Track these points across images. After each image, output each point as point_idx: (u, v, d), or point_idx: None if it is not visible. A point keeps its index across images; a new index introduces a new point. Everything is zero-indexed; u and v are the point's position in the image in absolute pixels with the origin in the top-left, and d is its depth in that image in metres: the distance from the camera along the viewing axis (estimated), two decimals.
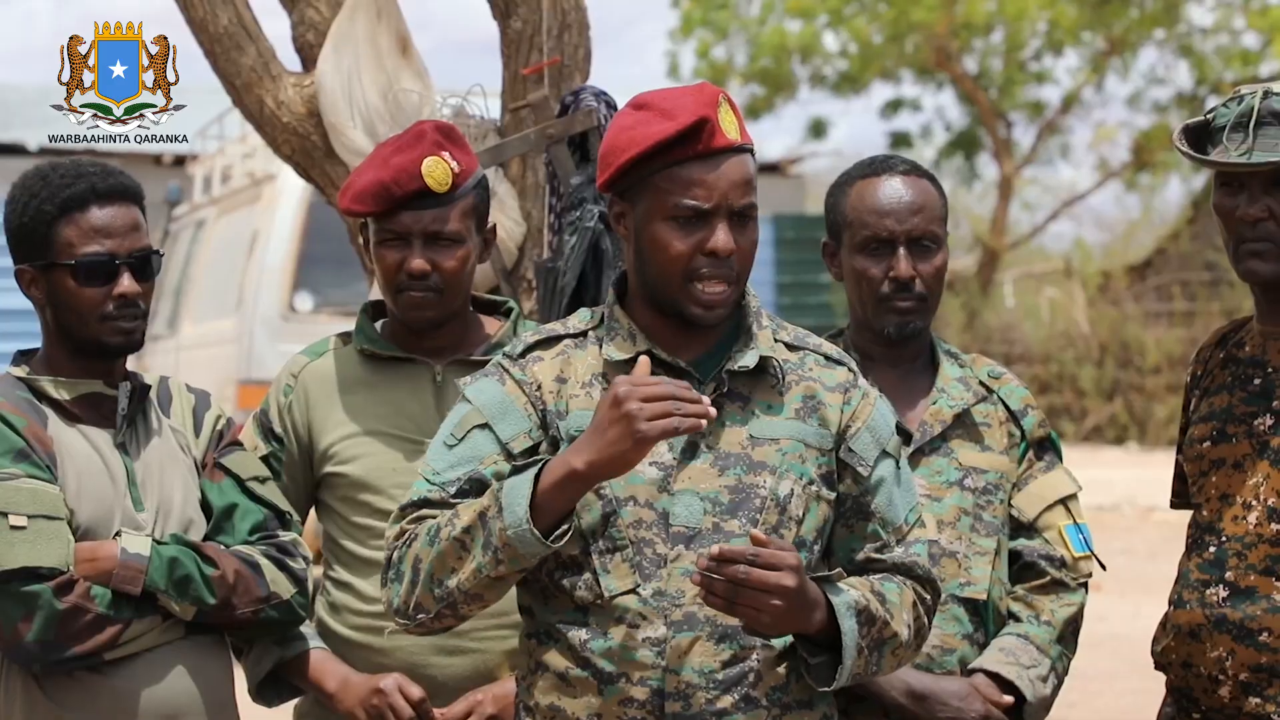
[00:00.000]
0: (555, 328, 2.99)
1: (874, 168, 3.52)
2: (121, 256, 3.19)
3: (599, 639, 2.82)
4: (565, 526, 2.73)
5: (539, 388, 2.90)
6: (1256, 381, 3.30)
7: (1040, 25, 23.48)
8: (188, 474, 3.30)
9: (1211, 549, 3.27)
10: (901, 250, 3.45)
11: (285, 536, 3.32)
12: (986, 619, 3.46)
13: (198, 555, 3.17)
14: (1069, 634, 3.50)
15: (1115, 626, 9.38)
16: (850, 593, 2.81)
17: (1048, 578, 3.50)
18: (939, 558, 3.41)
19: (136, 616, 3.12)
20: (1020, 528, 3.52)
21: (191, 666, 3.19)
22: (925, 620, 2.93)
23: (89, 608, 3.07)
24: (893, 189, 3.48)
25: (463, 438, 2.89)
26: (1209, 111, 3.32)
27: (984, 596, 3.44)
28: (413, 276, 3.45)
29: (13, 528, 3.05)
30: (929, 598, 2.95)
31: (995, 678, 3.39)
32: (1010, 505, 3.52)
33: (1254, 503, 3.22)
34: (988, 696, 3.36)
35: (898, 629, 2.85)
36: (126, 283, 3.20)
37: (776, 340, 2.95)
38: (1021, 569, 3.52)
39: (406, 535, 2.85)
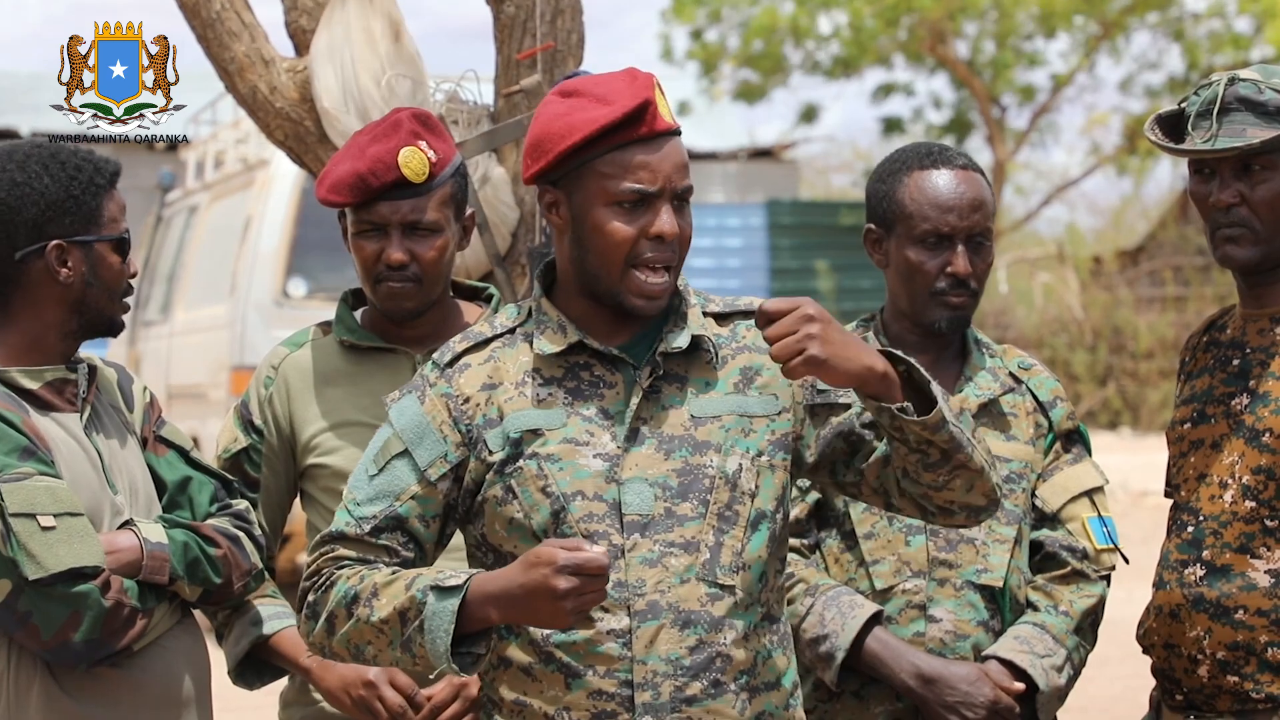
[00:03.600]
0: (483, 330, 2.94)
1: (932, 159, 3.50)
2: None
3: (561, 633, 2.79)
4: (483, 651, 2.72)
5: (465, 401, 2.86)
6: (1235, 362, 3.32)
7: (1033, 9, 23.45)
8: (136, 450, 3.27)
9: (1190, 529, 3.29)
10: (961, 247, 3.45)
11: (239, 504, 3.31)
12: (1003, 607, 3.46)
13: (199, 537, 3.17)
14: (1087, 625, 3.51)
15: (1108, 611, 9.38)
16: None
17: (1068, 568, 3.51)
18: (956, 543, 3.42)
19: (156, 605, 3.12)
20: (1044, 518, 3.53)
21: (186, 653, 3.20)
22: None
23: (126, 602, 3.05)
24: (954, 184, 3.46)
25: (383, 467, 2.86)
26: (1182, 100, 3.33)
27: (1000, 584, 3.44)
28: (391, 267, 3.44)
29: (43, 529, 2.99)
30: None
31: (1008, 665, 3.39)
32: (1034, 496, 3.53)
33: (1229, 481, 3.25)
34: (998, 683, 3.36)
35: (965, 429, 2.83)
36: (135, 262, 3.23)
37: (706, 314, 2.93)
38: (1043, 559, 3.53)
39: (322, 578, 2.83)
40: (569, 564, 2.60)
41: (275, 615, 3.44)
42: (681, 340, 2.86)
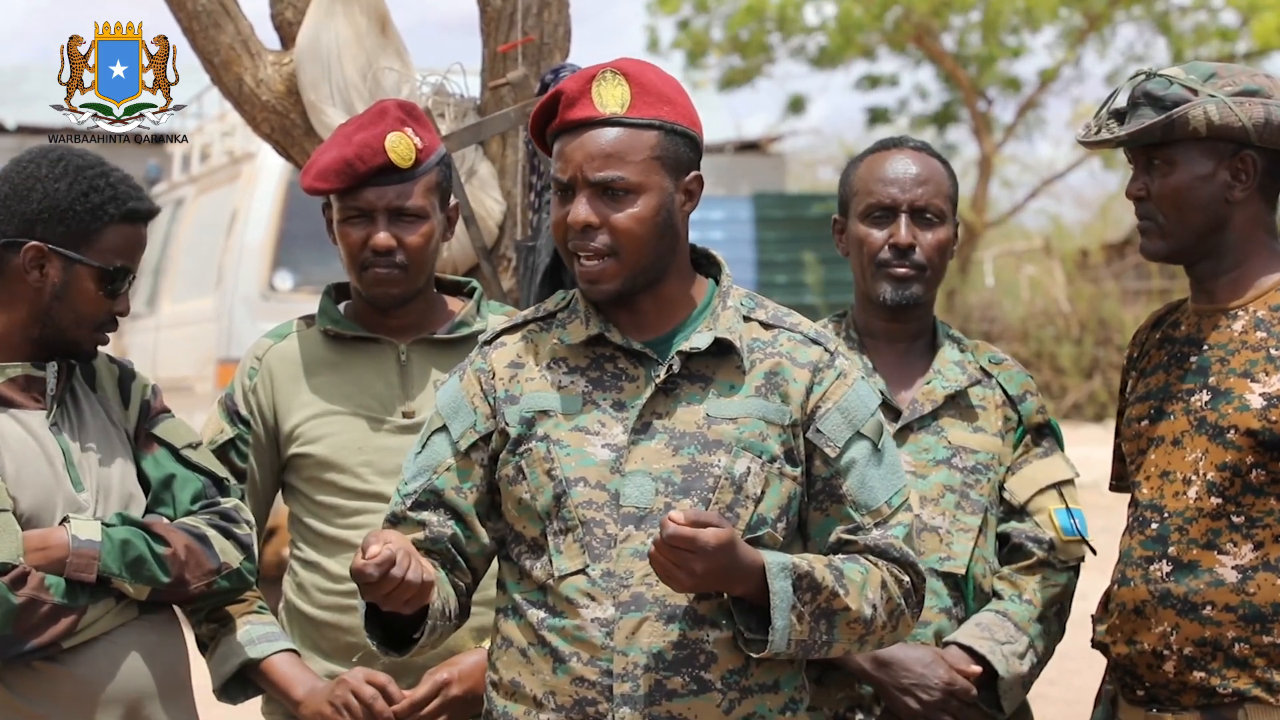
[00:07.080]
0: (528, 312, 3.01)
1: (885, 144, 3.61)
2: (133, 275, 3.20)
3: (553, 618, 2.83)
4: (418, 635, 2.86)
5: (493, 375, 2.93)
6: (1192, 359, 3.32)
7: (1018, 3, 23.47)
8: (121, 448, 3.25)
9: (1154, 526, 3.28)
10: (904, 218, 3.50)
11: (227, 503, 3.29)
12: (967, 595, 3.48)
13: (148, 534, 3.13)
14: (1052, 614, 3.53)
15: (1094, 605, 9.40)
16: (788, 557, 2.79)
17: (1034, 558, 3.53)
18: (920, 531, 3.43)
19: (92, 602, 3.08)
20: (1012, 511, 3.56)
21: (149, 649, 3.17)
22: (903, 602, 2.88)
23: (44, 599, 3.03)
24: (901, 161, 3.55)
25: (425, 444, 2.97)
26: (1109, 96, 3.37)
27: (963, 571, 3.47)
28: (377, 252, 3.45)
29: None
30: (908, 579, 2.90)
31: (967, 650, 3.42)
32: (1004, 489, 3.55)
33: (1193, 478, 3.24)
34: (954, 665, 3.38)
35: (852, 604, 2.80)
36: (126, 301, 3.21)
37: (750, 319, 2.93)
38: (1010, 551, 3.56)
39: None
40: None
41: (266, 636, 3.41)
42: (701, 341, 2.87)
